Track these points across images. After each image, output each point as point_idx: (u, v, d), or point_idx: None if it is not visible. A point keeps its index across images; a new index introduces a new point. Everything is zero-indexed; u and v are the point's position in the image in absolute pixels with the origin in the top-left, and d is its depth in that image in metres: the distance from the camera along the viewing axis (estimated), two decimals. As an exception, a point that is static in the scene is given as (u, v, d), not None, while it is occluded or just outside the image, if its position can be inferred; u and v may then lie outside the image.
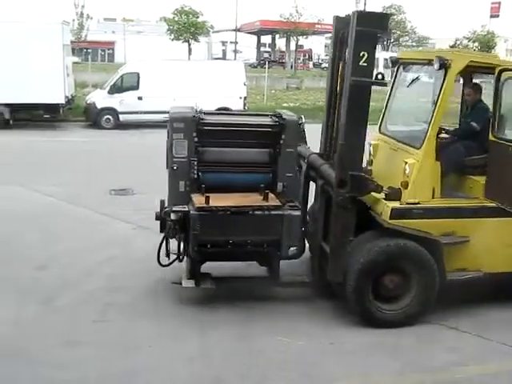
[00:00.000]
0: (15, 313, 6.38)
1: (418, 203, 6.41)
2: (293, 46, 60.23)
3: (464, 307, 6.76)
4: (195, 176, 6.60)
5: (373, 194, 6.48)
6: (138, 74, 21.55)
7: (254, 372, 5.49)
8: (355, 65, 6.15)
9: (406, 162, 6.48)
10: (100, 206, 10.36)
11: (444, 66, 6.31)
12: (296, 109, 26.23)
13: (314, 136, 7.37)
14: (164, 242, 6.69)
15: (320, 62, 71.75)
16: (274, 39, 71.22)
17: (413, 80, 7.28)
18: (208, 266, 6.74)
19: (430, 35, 65.19)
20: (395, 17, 56.84)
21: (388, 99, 7.63)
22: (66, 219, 9.75)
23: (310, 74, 48.15)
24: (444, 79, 6.41)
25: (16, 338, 5.89)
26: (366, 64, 6.13)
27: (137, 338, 5.96)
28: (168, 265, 6.82)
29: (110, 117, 21.33)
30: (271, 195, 6.54)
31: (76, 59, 45.81)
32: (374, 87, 6.21)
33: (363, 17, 6.29)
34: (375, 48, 6.25)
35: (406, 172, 6.46)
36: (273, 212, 6.38)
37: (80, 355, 5.59)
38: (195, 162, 6.60)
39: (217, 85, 20.79)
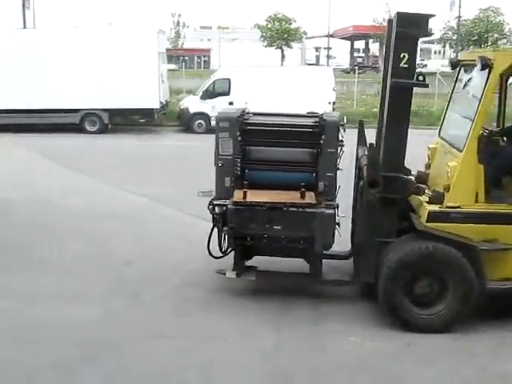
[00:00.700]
0: (103, 306, 6.76)
1: (459, 207, 6.22)
2: (387, 51, 59.44)
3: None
4: (239, 173, 6.87)
5: (419, 197, 6.43)
6: (229, 80, 22.03)
7: (324, 370, 5.58)
8: (396, 66, 6.14)
9: (449, 165, 6.36)
10: (188, 206, 10.71)
11: (487, 66, 6.11)
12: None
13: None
14: (216, 234, 7.02)
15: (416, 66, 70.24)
16: (367, 44, 70.51)
17: (466, 81, 7.06)
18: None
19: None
20: (492, 19, 54.80)
21: (448, 102, 7.48)
22: (157, 219, 10.18)
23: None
24: (487, 80, 6.19)
25: (103, 328, 6.26)
26: (406, 65, 6.11)
27: (213, 332, 6.19)
28: (220, 257, 7.14)
29: (202, 121, 21.94)
30: (309, 193, 6.67)
31: (173, 66, 47.44)
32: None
33: (403, 18, 6.21)
34: (416, 49, 6.21)
35: (449, 175, 6.33)
36: (306, 209, 6.54)
37: (161, 347, 5.87)
38: (239, 160, 6.88)
39: (306, 90, 20.88)
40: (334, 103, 22.41)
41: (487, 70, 6.14)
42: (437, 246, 6.18)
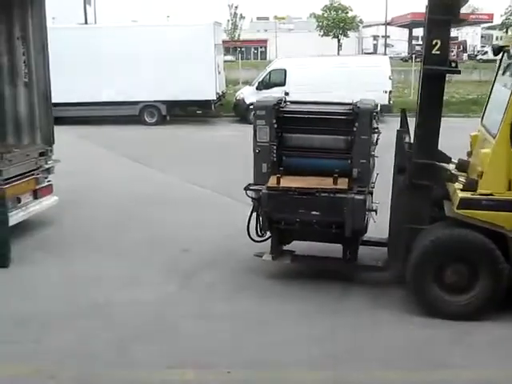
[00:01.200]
0: (159, 287, 7.09)
1: (491, 194, 6.14)
2: (446, 38, 58.29)
3: None
4: (274, 159, 7.12)
5: (454, 184, 6.40)
6: (285, 71, 22.12)
7: (375, 355, 5.68)
8: (428, 53, 6.12)
9: (482, 152, 6.32)
10: (243, 195, 10.94)
11: (507, 51, 6.06)
12: (444, 103, 25.53)
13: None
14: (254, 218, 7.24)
15: (476, 53, 68.61)
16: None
17: (505, 67, 6.91)
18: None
19: None
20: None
21: (491, 89, 7.36)
22: (212, 207, 10.46)
23: (464, 66, 46.31)
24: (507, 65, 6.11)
25: (158, 308, 6.59)
26: (438, 52, 6.07)
27: (266, 317, 6.37)
28: (260, 241, 7.35)
29: (257, 112, 22.09)
30: (342, 179, 6.79)
31: (230, 58, 47.86)
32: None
33: (435, 4, 6.15)
34: (448, 35, 6.15)
35: (482, 162, 6.29)
36: (337, 195, 6.70)
37: (213, 328, 6.11)
38: (275, 147, 7.12)
39: (362, 79, 20.73)
40: (390, 92, 22.24)
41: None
42: (466, 232, 6.16)
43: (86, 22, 40.09)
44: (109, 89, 20.73)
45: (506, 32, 63.17)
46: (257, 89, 22.13)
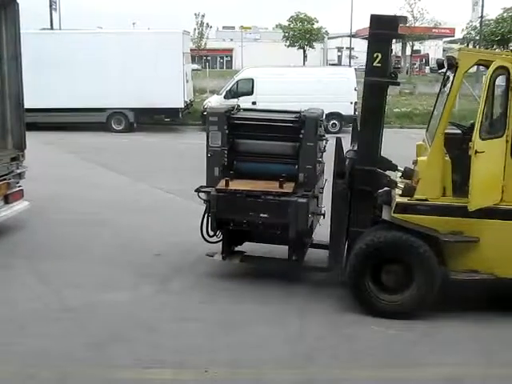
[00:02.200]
0: (133, 292, 7.20)
1: (426, 200, 6.47)
2: (409, 51, 59.42)
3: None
4: (225, 163, 7.44)
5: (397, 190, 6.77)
6: (253, 80, 22.38)
7: (344, 354, 5.89)
8: (370, 65, 6.52)
9: (419, 160, 6.72)
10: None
11: (452, 65, 6.42)
12: (407, 114, 26.17)
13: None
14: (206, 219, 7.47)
15: (437, 66, 69.91)
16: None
17: (445, 80, 7.23)
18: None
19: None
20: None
21: (435, 102, 7.68)
22: (182, 212, 10.57)
23: (426, 80, 47.33)
24: (453, 78, 6.46)
25: (133, 310, 6.71)
26: (379, 64, 6.47)
27: (240, 319, 6.53)
28: (214, 242, 7.59)
29: (225, 121, 22.27)
30: (289, 183, 7.16)
31: (196, 66, 47.93)
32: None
33: (376, 20, 6.59)
34: (388, 49, 6.54)
35: (419, 169, 6.66)
36: (282, 198, 7.02)
37: (189, 329, 6.26)
38: (226, 152, 7.41)
39: (328, 90, 21.15)
40: (355, 103, 22.66)
41: (453, 69, 6.44)
42: (401, 235, 6.46)
43: (51, 28, 39.77)
44: (76, 95, 20.63)
45: (467, 46, 64.69)
46: (225, 98, 22.31)
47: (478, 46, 49.57)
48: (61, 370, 5.43)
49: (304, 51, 58.03)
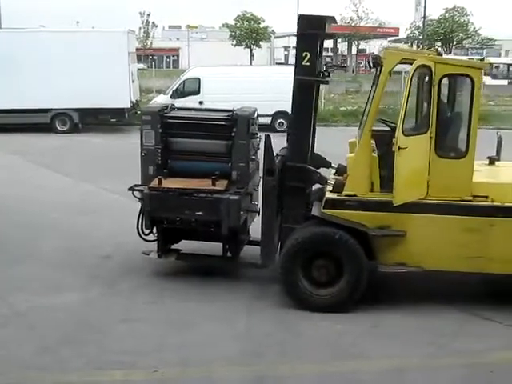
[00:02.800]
0: (82, 294, 7.16)
1: (355, 195, 6.68)
2: (354, 50, 60.36)
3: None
4: (159, 162, 7.51)
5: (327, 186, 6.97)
6: (199, 80, 22.32)
7: (292, 350, 6.01)
8: (299, 64, 6.72)
9: (347, 157, 6.96)
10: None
11: (377, 64, 6.68)
12: (353, 112, 26.55)
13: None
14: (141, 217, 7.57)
15: (382, 65, 71.11)
16: (335, 43, 71.38)
17: (374, 79, 7.38)
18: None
19: (495, 36, 63.78)
20: (457, 19, 55.94)
21: (367, 99, 7.77)
22: (129, 214, 10.46)
23: (371, 78, 48.24)
24: (378, 77, 6.70)
25: (83, 312, 6.69)
26: (308, 63, 6.68)
27: (187, 318, 6.59)
28: (152, 240, 7.67)
29: (172, 120, 22.19)
30: (222, 181, 7.27)
31: (142, 66, 47.49)
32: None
33: (304, 20, 6.82)
34: (316, 48, 6.75)
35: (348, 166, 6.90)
36: (214, 195, 7.14)
37: (138, 330, 6.28)
38: (159, 150, 7.49)
39: (275, 89, 21.26)
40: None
41: (379, 67, 6.67)
42: (329, 230, 6.64)
43: (-9, 26, 38.76)
44: (19, 96, 20.16)
45: (411, 45, 66.13)
46: (171, 97, 22.07)
47: (421, 46, 50.80)
48: (13, 375, 5.38)
49: (251, 50, 58.30)
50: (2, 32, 27.08)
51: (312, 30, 6.70)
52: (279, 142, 7.47)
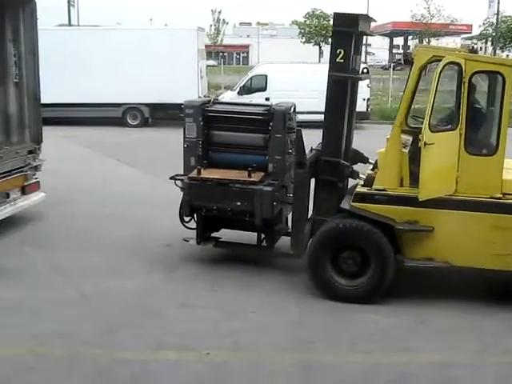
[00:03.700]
0: (145, 279, 7.54)
1: (384, 190, 6.74)
2: (426, 48, 59.24)
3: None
4: (200, 153, 7.86)
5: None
6: (266, 77, 22.59)
7: (341, 340, 6.16)
8: (333, 61, 6.85)
9: (378, 152, 7.08)
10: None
11: (408, 61, 6.74)
12: (420, 110, 26.22)
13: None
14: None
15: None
16: (406, 41, 70.35)
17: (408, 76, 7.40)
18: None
19: None
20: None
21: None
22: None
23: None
24: (409, 73, 6.75)
25: (144, 297, 7.04)
26: (342, 60, 6.80)
27: (242, 306, 6.83)
28: (193, 228, 8.04)
29: (239, 116, 22.53)
30: (257, 173, 7.51)
31: (212, 62, 48.20)
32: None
33: (338, 17, 6.95)
34: (350, 45, 6.83)
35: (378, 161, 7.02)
36: (249, 186, 7.41)
37: (193, 315, 6.58)
38: (200, 142, 7.81)
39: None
40: (368, 99, 22.81)
41: (410, 65, 6.73)
42: (357, 223, 6.74)
43: (69, 24, 40.30)
44: (93, 91, 20.97)
45: (485, 43, 64.44)
46: (238, 94, 22.52)
47: (495, 43, 49.44)
48: (72, 351, 5.75)
49: (320, 48, 58.13)
50: (77, 30, 28.24)
51: (345, 27, 6.85)
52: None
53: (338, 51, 6.85)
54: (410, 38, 65.56)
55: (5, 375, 5.29)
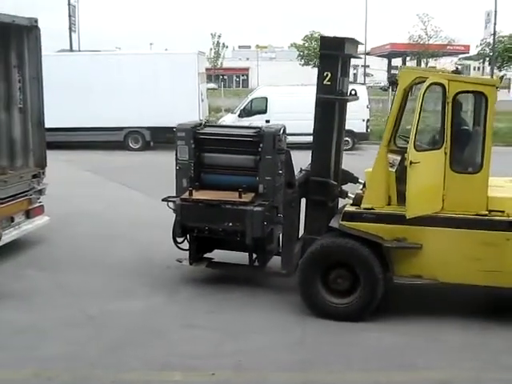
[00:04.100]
0: (147, 300, 7.64)
1: (372, 208, 6.87)
2: (424, 69, 59.67)
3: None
4: (192, 175, 7.98)
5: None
6: (267, 99, 22.79)
7: (342, 359, 6.21)
8: (320, 83, 7.02)
9: (366, 171, 7.24)
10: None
11: (393, 82, 6.87)
12: (409, 130, 26.37)
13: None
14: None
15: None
16: (404, 61, 70.73)
17: (393, 97, 7.53)
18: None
19: None
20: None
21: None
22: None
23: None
24: (394, 95, 6.91)
25: (146, 318, 7.15)
26: (329, 83, 6.97)
27: (243, 326, 6.91)
28: (183, 249, 8.12)
29: (239, 139, 22.71)
30: (248, 194, 7.63)
31: (213, 85, 48.56)
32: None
33: (324, 41, 7.20)
34: (336, 68, 7.00)
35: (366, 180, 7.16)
36: (240, 206, 7.51)
37: (195, 336, 6.66)
38: (192, 164, 7.96)
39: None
40: (367, 120, 22.99)
41: (395, 86, 6.86)
42: (346, 241, 6.86)
43: (71, 49, 40.70)
44: (94, 115, 21.21)
45: (483, 62, 64.93)
46: (239, 116, 22.70)
47: (492, 63, 49.82)
48: (78, 373, 5.83)
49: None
50: (78, 55, 28.53)
51: (332, 50, 7.03)
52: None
53: (324, 74, 7.02)
54: (408, 58, 66.03)
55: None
